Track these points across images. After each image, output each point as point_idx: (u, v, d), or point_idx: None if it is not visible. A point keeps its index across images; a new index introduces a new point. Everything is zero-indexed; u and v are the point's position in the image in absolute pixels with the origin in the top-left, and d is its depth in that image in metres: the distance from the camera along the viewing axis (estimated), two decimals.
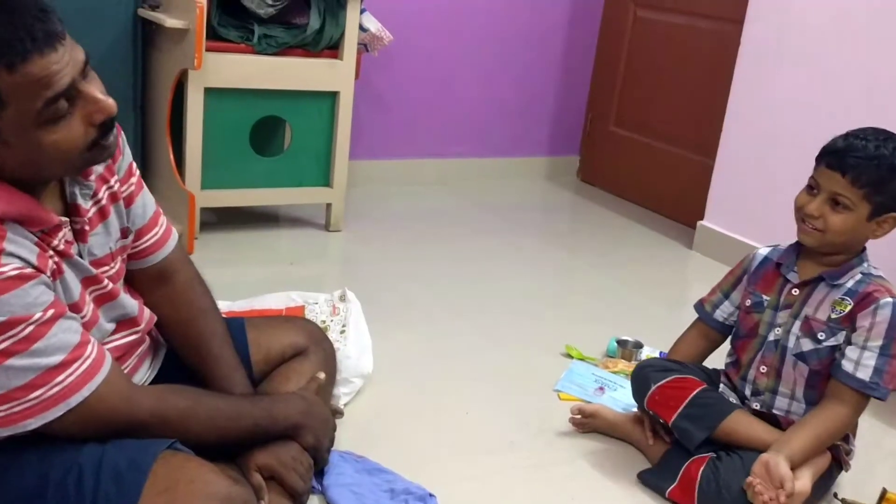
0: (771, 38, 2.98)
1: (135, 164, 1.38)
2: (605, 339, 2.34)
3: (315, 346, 1.65)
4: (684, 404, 1.71)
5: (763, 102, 3.02)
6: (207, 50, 2.58)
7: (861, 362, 1.58)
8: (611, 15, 3.95)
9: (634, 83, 3.87)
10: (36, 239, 1.13)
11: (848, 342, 1.61)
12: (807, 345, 1.64)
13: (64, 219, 1.19)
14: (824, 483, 1.66)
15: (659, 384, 1.76)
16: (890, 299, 1.58)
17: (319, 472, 1.58)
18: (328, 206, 3.05)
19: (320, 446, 1.45)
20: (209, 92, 2.68)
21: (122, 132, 1.30)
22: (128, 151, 1.36)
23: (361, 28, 2.95)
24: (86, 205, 1.24)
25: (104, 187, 1.28)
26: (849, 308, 1.60)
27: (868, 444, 1.99)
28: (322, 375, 1.57)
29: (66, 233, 1.19)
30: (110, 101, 1.13)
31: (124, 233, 1.34)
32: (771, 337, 1.70)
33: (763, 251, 1.79)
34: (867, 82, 2.68)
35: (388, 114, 3.67)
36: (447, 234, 3.22)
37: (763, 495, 1.52)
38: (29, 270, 1.09)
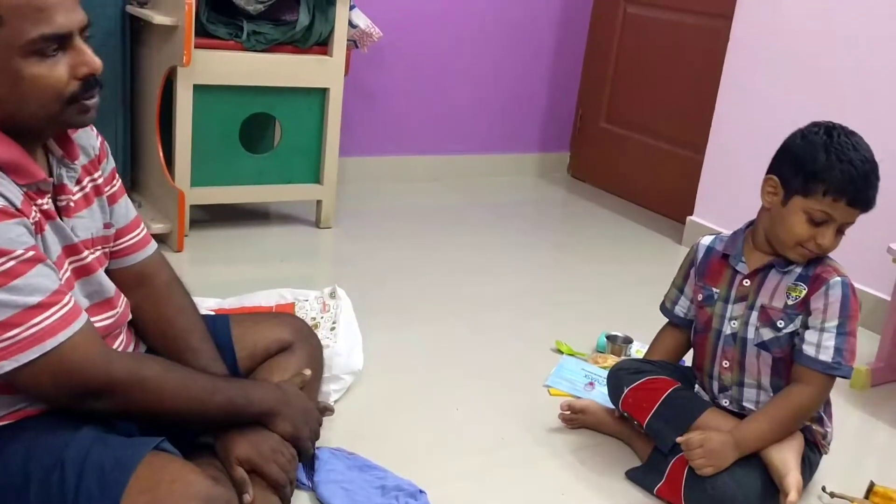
0: (759, 35, 2.99)
1: (117, 172, 1.44)
2: (595, 335, 2.35)
3: (301, 341, 1.64)
4: (657, 406, 1.72)
5: (751, 98, 3.03)
6: (196, 47, 2.58)
7: (821, 344, 1.60)
8: (600, 11, 3.96)
9: (624, 80, 3.88)
10: (22, 191, 1.17)
11: (805, 326, 1.62)
12: (767, 334, 1.65)
13: (49, 178, 1.22)
14: (807, 469, 1.67)
15: (631, 386, 1.77)
16: (839, 278, 1.60)
17: (310, 468, 1.59)
18: (318, 202, 3.04)
19: (299, 435, 1.43)
20: (198, 89, 2.67)
21: (105, 139, 1.39)
22: (111, 158, 1.42)
23: (351, 24, 2.94)
24: (71, 186, 1.28)
25: (88, 178, 1.33)
26: (804, 293, 1.62)
27: (856, 437, 2.00)
28: (308, 372, 1.56)
29: (49, 201, 1.23)
30: (97, 60, 1.18)
31: (107, 226, 1.38)
32: (727, 330, 1.70)
33: (706, 241, 1.79)
34: (855, 77, 2.69)
35: (379, 110, 3.66)
36: (438, 231, 3.22)
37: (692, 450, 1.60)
38: (12, 209, 1.13)
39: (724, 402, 1.74)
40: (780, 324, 1.64)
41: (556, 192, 3.99)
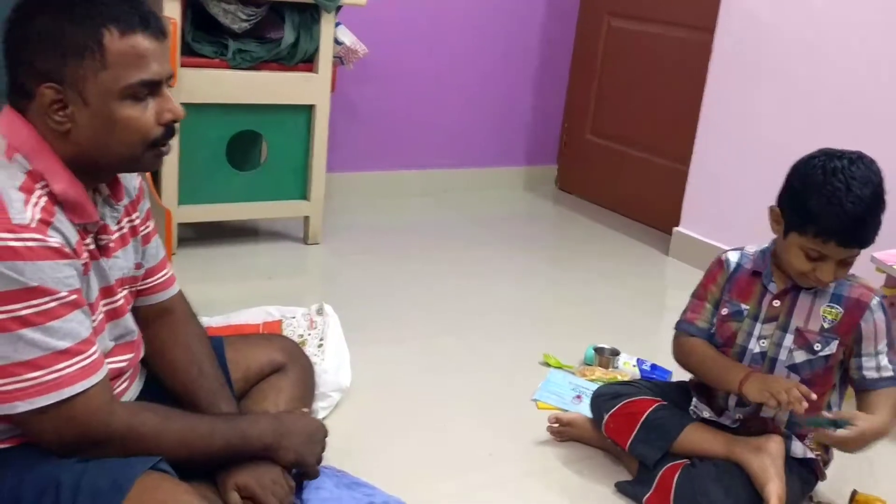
0: (741, 47, 3.02)
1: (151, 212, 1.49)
2: (583, 347, 2.35)
3: (292, 362, 1.66)
4: (637, 428, 1.73)
5: (735, 109, 3.06)
6: (182, 65, 2.59)
7: (880, 365, 1.64)
8: (585, 25, 3.99)
9: (610, 92, 3.90)
10: (76, 230, 1.20)
11: (857, 355, 1.63)
12: (801, 356, 1.65)
13: (101, 222, 1.26)
14: (798, 487, 1.68)
15: (611, 413, 1.78)
16: (877, 299, 1.64)
17: (299, 487, 1.58)
18: (306, 219, 3.05)
19: (304, 461, 1.44)
20: (184, 107, 2.65)
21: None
22: (147, 199, 1.46)
23: (336, 41, 2.96)
24: (112, 226, 1.31)
25: (126, 219, 1.37)
26: (840, 315, 1.63)
27: None
28: (306, 411, 1.57)
29: (92, 241, 1.25)
30: (181, 108, 1.27)
31: (137, 266, 1.41)
32: (756, 349, 1.68)
33: (733, 257, 1.75)
34: (835, 89, 2.72)
35: (366, 126, 3.68)
36: (425, 246, 3.23)
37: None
38: (68, 249, 1.16)
39: (738, 416, 1.73)
40: (817, 346, 1.64)
41: (544, 205, 4.01)
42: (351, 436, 1.84)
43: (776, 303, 1.67)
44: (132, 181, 1.40)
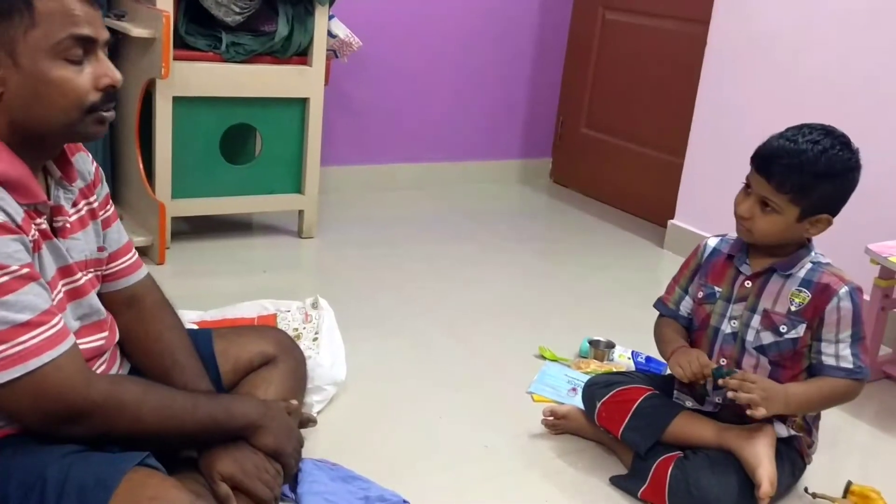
0: (735, 40, 3.02)
1: (110, 197, 1.47)
2: (578, 340, 2.35)
3: (284, 354, 1.64)
4: (629, 416, 1.74)
5: (729, 101, 3.06)
6: (175, 59, 2.57)
7: (839, 354, 1.63)
8: (579, 18, 3.98)
9: (604, 85, 3.90)
10: (23, 209, 1.18)
11: (817, 339, 1.64)
12: (767, 338, 1.67)
13: (48, 201, 1.24)
14: (788, 473, 1.69)
15: (603, 400, 1.79)
16: (847, 288, 1.62)
17: (294, 481, 1.58)
18: (300, 213, 3.04)
19: (282, 450, 1.42)
20: (178, 101, 2.67)
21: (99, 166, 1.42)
22: (105, 184, 1.44)
23: (330, 34, 2.94)
24: (67, 208, 1.29)
25: (84, 201, 1.35)
26: (808, 300, 1.63)
27: (835, 437, 2.02)
28: (294, 402, 1.56)
29: (45, 222, 1.23)
30: (118, 73, 1.23)
31: (100, 249, 1.39)
32: (727, 329, 1.71)
33: (712, 242, 1.80)
34: (829, 83, 2.72)
35: (360, 119, 3.67)
36: (420, 239, 3.23)
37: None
38: (12, 225, 1.14)
39: (717, 399, 1.74)
40: (783, 328, 1.65)
41: (539, 198, 4.01)
42: (346, 429, 1.85)
43: (748, 283, 1.69)
44: (86, 165, 1.37)
